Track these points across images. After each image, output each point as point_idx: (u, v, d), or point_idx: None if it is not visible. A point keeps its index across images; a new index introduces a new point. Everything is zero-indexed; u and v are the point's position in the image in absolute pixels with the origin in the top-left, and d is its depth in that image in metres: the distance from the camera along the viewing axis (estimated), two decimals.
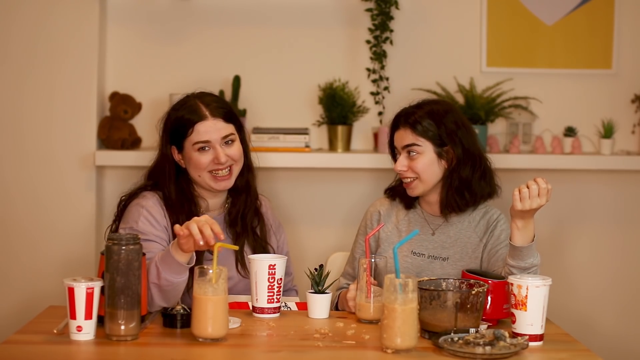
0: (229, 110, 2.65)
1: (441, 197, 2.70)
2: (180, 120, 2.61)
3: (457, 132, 2.69)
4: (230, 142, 2.62)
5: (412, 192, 2.70)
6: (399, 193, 2.79)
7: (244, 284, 2.64)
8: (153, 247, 2.48)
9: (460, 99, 3.66)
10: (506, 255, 2.54)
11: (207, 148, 2.59)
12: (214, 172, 2.61)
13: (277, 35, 3.70)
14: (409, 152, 2.67)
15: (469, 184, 2.69)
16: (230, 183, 2.64)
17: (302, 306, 2.61)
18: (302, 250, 3.59)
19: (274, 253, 2.72)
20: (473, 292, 2.25)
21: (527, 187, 2.43)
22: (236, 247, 2.41)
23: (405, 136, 2.68)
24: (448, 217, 2.71)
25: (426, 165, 2.67)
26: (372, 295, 2.40)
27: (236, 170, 2.65)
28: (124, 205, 2.64)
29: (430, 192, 2.71)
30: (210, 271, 2.18)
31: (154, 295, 2.36)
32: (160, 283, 2.34)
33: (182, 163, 2.65)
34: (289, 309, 2.58)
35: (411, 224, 2.76)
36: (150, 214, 2.56)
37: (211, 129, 2.59)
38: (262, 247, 2.72)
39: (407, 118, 2.69)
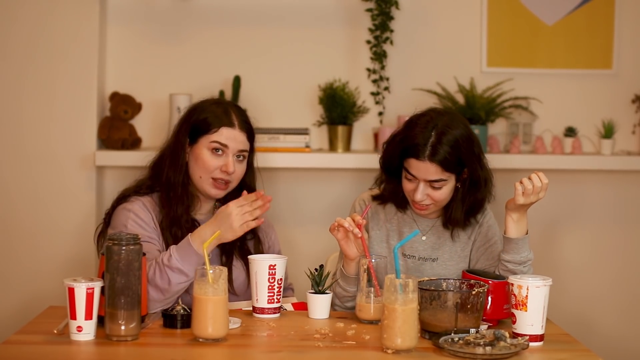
0: (252, 129, 2.70)
1: (451, 215, 2.65)
2: (209, 117, 2.62)
3: (475, 156, 2.60)
4: (242, 158, 2.65)
5: (424, 213, 2.66)
6: (388, 199, 2.73)
7: (232, 298, 2.63)
8: (147, 247, 2.48)
9: (460, 99, 3.66)
10: (500, 252, 2.54)
11: (220, 152, 2.61)
12: (219, 179, 2.61)
13: (277, 35, 3.70)
14: (431, 184, 2.57)
15: (481, 201, 2.66)
16: (222, 194, 2.65)
17: (299, 306, 2.61)
18: (301, 250, 3.59)
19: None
20: (473, 292, 2.25)
21: (530, 180, 2.43)
22: (218, 232, 2.41)
23: (430, 170, 2.53)
24: (454, 233, 2.70)
25: (447, 193, 2.60)
26: (371, 295, 2.40)
27: (231, 186, 2.66)
28: (109, 211, 2.66)
29: None
30: (211, 271, 2.19)
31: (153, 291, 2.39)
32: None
33: (186, 156, 2.66)
34: (284, 309, 2.57)
35: (400, 223, 2.74)
36: (137, 216, 2.57)
37: (234, 137, 2.62)
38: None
39: (434, 154, 2.52)
